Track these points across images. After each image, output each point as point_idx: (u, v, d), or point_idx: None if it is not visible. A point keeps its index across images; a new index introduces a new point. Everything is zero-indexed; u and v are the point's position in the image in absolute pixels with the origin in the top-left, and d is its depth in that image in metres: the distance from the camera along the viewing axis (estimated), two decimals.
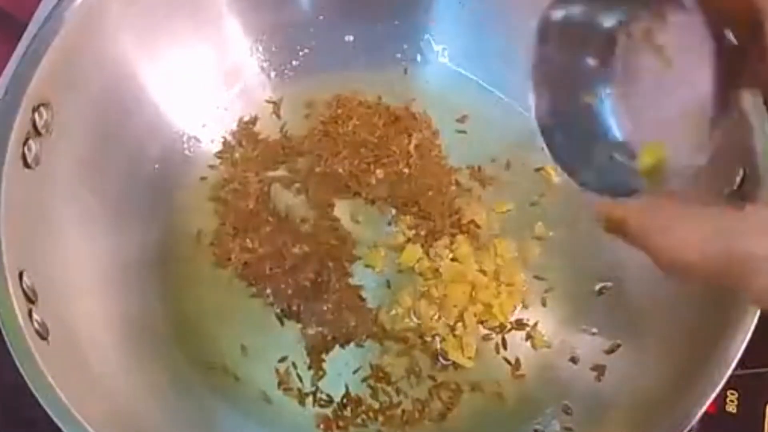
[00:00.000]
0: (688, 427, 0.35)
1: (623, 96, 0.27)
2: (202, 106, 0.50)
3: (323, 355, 0.46)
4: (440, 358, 0.46)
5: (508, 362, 0.46)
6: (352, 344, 0.46)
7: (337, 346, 0.46)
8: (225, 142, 0.51)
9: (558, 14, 0.28)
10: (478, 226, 0.48)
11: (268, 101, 0.52)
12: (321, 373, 0.45)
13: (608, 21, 0.27)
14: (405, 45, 0.52)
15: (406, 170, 0.49)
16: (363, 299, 0.47)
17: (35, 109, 0.38)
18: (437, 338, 0.46)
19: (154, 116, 0.47)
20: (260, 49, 0.51)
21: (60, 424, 0.33)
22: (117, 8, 0.42)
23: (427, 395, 0.45)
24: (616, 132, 0.27)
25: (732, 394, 0.43)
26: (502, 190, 0.50)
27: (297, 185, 0.50)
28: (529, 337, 0.46)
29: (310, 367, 0.46)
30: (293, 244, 0.48)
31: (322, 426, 0.44)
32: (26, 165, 0.38)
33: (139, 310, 0.44)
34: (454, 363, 0.45)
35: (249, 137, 0.51)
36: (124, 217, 0.45)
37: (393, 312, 0.46)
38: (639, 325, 0.44)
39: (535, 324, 0.46)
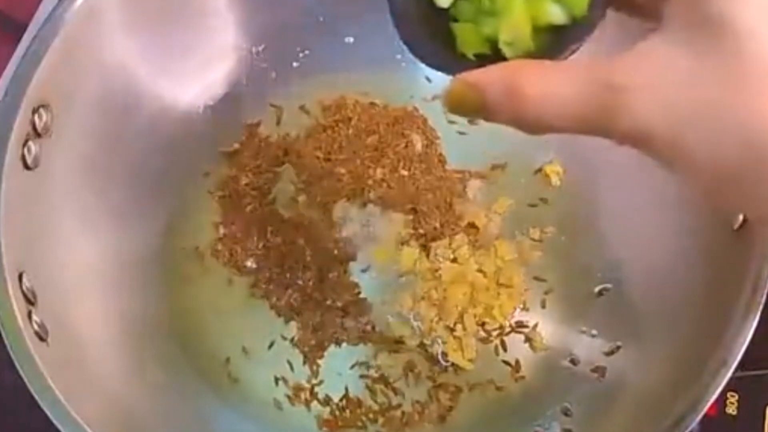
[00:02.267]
0: (688, 430, 0.35)
1: None
2: (202, 108, 0.50)
3: (321, 352, 0.46)
4: (440, 360, 0.46)
5: (508, 364, 0.46)
6: (350, 344, 0.46)
7: (333, 345, 0.46)
8: (226, 143, 0.51)
9: None
10: (477, 228, 0.48)
11: (268, 103, 0.52)
12: (319, 372, 0.46)
13: None
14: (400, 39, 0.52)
15: (405, 172, 0.49)
16: (362, 300, 0.47)
17: (35, 111, 0.38)
18: (438, 340, 0.46)
19: (153, 117, 0.47)
20: (260, 50, 0.51)
21: (59, 426, 0.33)
22: (117, 10, 0.42)
23: (427, 397, 0.45)
24: None
25: (732, 396, 0.43)
26: (502, 192, 0.50)
27: (297, 186, 0.50)
28: (528, 339, 0.46)
29: (304, 363, 0.46)
30: (293, 244, 0.48)
31: (324, 428, 0.44)
32: (26, 166, 0.38)
33: (139, 311, 0.44)
34: (453, 365, 0.45)
35: (250, 138, 0.51)
36: (124, 219, 0.45)
37: (392, 313, 0.46)
38: (639, 327, 0.43)
39: (535, 326, 0.46)
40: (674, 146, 0.22)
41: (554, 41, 0.25)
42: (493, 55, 0.26)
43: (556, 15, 0.25)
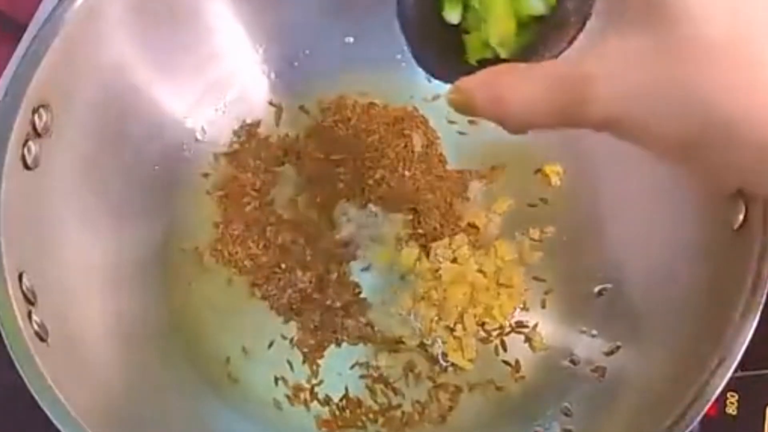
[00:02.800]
0: (689, 429, 0.35)
1: None
2: (202, 108, 0.50)
3: (321, 352, 0.46)
4: (440, 360, 0.45)
5: (508, 364, 0.46)
6: (350, 344, 0.46)
7: (333, 345, 0.46)
8: (226, 143, 0.51)
9: None
10: (477, 228, 0.48)
11: (268, 103, 0.52)
12: (318, 372, 0.46)
13: None
14: (405, 46, 0.52)
15: (406, 172, 0.49)
16: (362, 300, 0.47)
17: (35, 111, 0.38)
18: (438, 340, 0.46)
19: (153, 117, 0.47)
20: (260, 50, 0.51)
21: (59, 426, 0.33)
22: (117, 10, 0.42)
23: (427, 397, 0.45)
24: None
25: (732, 396, 0.43)
26: (502, 192, 0.50)
27: (297, 186, 0.50)
28: (528, 339, 0.46)
29: (304, 363, 0.46)
30: (293, 244, 0.48)
31: (323, 428, 0.44)
32: (26, 166, 0.38)
33: (139, 311, 0.44)
34: (453, 365, 0.45)
35: (250, 138, 0.51)
36: (124, 219, 0.45)
37: (392, 313, 0.46)
38: (639, 327, 0.43)
39: (535, 326, 0.46)
40: (638, 125, 0.23)
41: (546, 36, 0.27)
42: (495, 59, 0.27)
43: (535, 6, 0.26)
